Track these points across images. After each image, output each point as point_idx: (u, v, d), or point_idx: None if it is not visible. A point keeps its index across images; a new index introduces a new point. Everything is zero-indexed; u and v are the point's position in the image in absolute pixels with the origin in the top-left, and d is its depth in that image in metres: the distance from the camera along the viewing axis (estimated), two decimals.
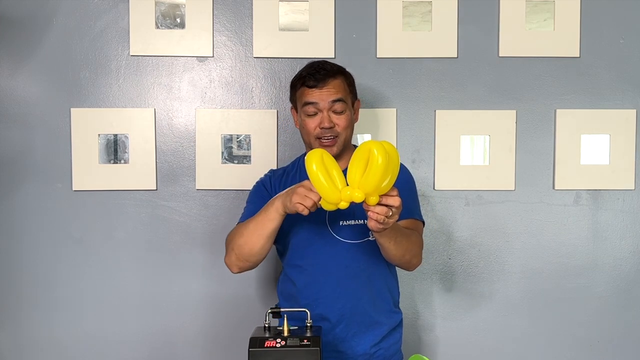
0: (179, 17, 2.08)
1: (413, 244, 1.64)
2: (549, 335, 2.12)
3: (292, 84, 1.75)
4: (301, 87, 1.70)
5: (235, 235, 1.64)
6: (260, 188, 1.78)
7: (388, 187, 1.37)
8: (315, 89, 1.66)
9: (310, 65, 1.72)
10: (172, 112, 2.09)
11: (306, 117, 1.69)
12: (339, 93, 1.67)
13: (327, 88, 1.66)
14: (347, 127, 1.69)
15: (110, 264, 2.09)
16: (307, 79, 1.68)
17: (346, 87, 1.71)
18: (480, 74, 2.08)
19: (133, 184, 2.08)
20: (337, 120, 1.67)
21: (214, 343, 2.10)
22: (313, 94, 1.67)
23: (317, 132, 1.67)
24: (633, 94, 2.09)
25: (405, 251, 1.61)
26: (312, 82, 1.67)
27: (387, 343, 1.72)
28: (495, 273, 2.12)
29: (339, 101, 1.67)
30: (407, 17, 2.07)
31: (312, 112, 1.67)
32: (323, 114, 1.66)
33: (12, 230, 2.07)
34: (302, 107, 1.69)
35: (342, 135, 1.68)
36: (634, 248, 2.12)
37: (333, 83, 1.68)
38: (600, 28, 2.08)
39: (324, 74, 1.68)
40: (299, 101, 1.71)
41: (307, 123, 1.68)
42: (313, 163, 1.36)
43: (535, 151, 2.09)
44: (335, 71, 1.70)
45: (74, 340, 2.09)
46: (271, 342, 1.40)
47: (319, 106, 1.66)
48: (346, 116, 1.68)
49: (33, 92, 2.06)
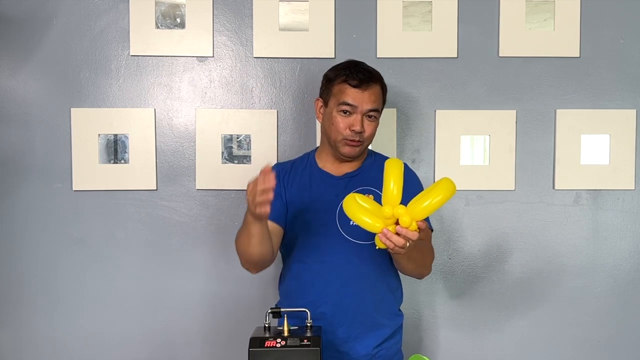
0: (179, 17, 2.08)
1: (425, 258, 1.66)
2: (549, 335, 2.12)
3: (329, 78, 1.70)
4: (342, 83, 1.65)
5: (236, 244, 1.65)
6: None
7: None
8: (358, 89, 1.63)
9: (352, 62, 1.69)
10: (172, 112, 2.09)
11: (339, 115, 1.65)
12: (377, 102, 1.66)
13: (369, 92, 1.64)
14: (372, 135, 1.69)
15: (110, 264, 2.09)
16: (351, 76, 1.64)
17: (382, 96, 1.70)
18: (480, 74, 2.08)
19: (133, 184, 2.08)
20: (367, 126, 1.66)
21: (214, 343, 2.10)
22: (355, 94, 1.63)
23: (346, 133, 1.64)
24: (633, 94, 2.09)
25: (417, 266, 1.65)
26: (355, 82, 1.63)
27: (389, 344, 1.72)
28: (495, 273, 2.12)
29: (375, 110, 1.66)
30: (407, 17, 2.07)
31: (347, 110, 1.64)
32: (357, 117, 1.64)
33: (12, 230, 2.07)
34: (339, 104, 1.65)
35: (367, 142, 1.69)
36: (634, 248, 2.12)
37: (374, 89, 1.66)
38: (600, 28, 2.08)
39: (368, 75, 1.65)
40: (335, 97, 1.66)
41: (339, 121, 1.65)
42: (350, 210, 1.43)
43: (535, 151, 2.09)
44: (378, 77, 1.69)
45: (74, 340, 2.09)
46: (271, 342, 1.40)
47: (357, 109, 1.64)
48: (375, 124, 1.68)
49: (33, 92, 2.06)
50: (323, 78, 1.73)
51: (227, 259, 2.00)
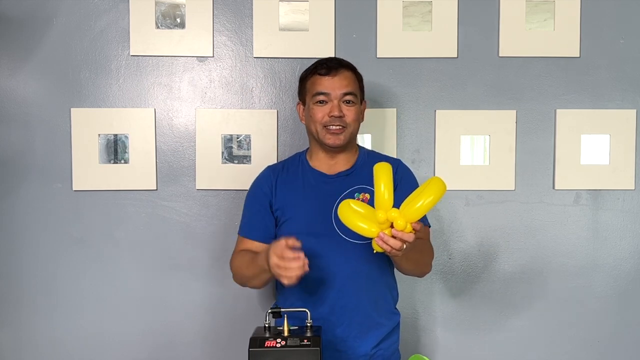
0: (179, 17, 2.08)
1: (424, 257, 1.67)
2: (549, 335, 2.12)
3: (301, 77, 1.74)
4: (312, 76, 1.68)
5: (236, 269, 1.72)
6: (258, 194, 1.75)
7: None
8: (327, 76, 1.66)
9: (321, 58, 1.72)
10: (172, 112, 2.09)
11: (315, 106, 1.67)
12: (350, 85, 1.67)
13: (339, 77, 1.66)
14: (355, 120, 1.68)
15: (110, 264, 2.09)
16: (319, 67, 1.68)
17: (357, 81, 1.71)
18: (480, 74, 2.08)
19: (133, 184, 2.08)
20: (346, 111, 1.66)
21: (214, 343, 2.10)
22: (325, 82, 1.66)
23: (325, 120, 1.65)
24: (633, 94, 2.09)
25: (417, 266, 1.65)
26: (324, 70, 1.66)
27: (387, 344, 1.72)
28: (495, 273, 2.12)
29: (350, 94, 1.66)
30: (407, 17, 2.07)
31: (322, 100, 1.66)
32: (333, 102, 1.65)
33: (12, 230, 2.07)
34: (313, 96, 1.67)
35: (350, 127, 1.68)
36: (634, 248, 2.12)
37: (345, 74, 1.67)
38: (600, 28, 2.08)
39: (336, 63, 1.68)
40: (309, 91, 1.69)
41: (316, 112, 1.66)
42: (345, 217, 1.43)
43: (535, 151, 2.09)
44: (347, 64, 1.71)
45: (74, 340, 2.09)
46: (271, 342, 1.40)
47: (330, 96, 1.65)
48: (355, 109, 1.68)
49: (33, 92, 2.06)
50: (298, 82, 1.76)
51: (226, 259, 1.99)
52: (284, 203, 1.71)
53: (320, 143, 1.70)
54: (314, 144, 1.74)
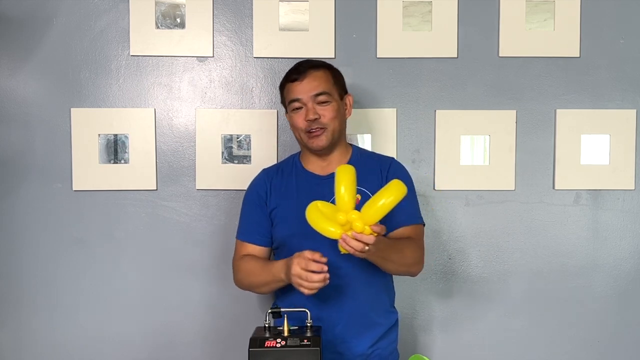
0: (179, 17, 2.08)
1: (406, 257, 1.64)
2: (549, 335, 2.12)
3: (280, 87, 1.76)
4: (286, 84, 1.71)
5: (244, 275, 1.73)
6: (254, 197, 1.77)
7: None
8: (296, 82, 1.68)
9: (295, 64, 1.74)
10: (172, 112, 2.09)
11: (292, 113, 1.70)
12: (321, 85, 1.67)
13: (307, 80, 1.67)
14: (334, 118, 1.68)
15: (110, 264, 2.09)
16: (290, 74, 1.70)
17: (330, 78, 1.71)
18: (480, 74, 2.08)
19: (133, 184, 2.08)
20: (322, 111, 1.67)
21: (214, 343, 2.10)
22: (296, 88, 1.68)
23: (304, 126, 1.67)
24: (633, 94, 2.09)
25: (398, 265, 1.64)
26: (294, 76, 1.69)
27: (384, 343, 1.72)
28: (495, 273, 2.12)
29: (321, 94, 1.67)
30: (407, 17, 2.07)
31: (297, 107, 1.68)
32: (307, 106, 1.67)
33: (12, 230, 2.07)
34: (289, 104, 1.71)
35: (330, 126, 1.68)
36: (634, 248, 2.12)
37: (314, 75, 1.68)
38: (600, 28, 2.08)
39: (305, 66, 1.70)
40: (286, 99, 1.72)
41: (295, 119, 1.69)
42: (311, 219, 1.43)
43: (535, 151, 2.09)
44: (317, 64, 1.72)
45: (74, 340, 2.09)
46: (271, 342, 1.40)
47: (303, 100, 1.67)
48: (332, 107, 1.68)
49: (33, 92, 2.06)
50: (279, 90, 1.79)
51: (226, 259, 1.99)
52: (278, 205, 1.73)
53: (307, 147, 1.73)
54: (303, 148, 1.77)
